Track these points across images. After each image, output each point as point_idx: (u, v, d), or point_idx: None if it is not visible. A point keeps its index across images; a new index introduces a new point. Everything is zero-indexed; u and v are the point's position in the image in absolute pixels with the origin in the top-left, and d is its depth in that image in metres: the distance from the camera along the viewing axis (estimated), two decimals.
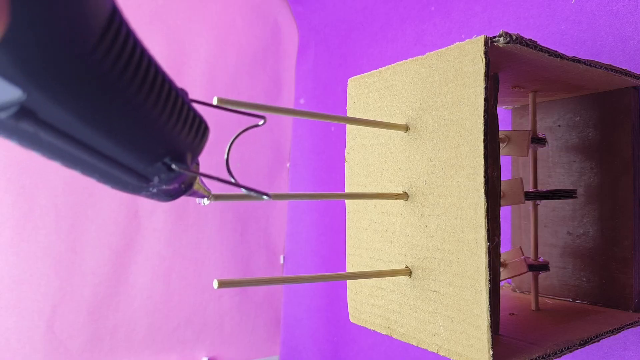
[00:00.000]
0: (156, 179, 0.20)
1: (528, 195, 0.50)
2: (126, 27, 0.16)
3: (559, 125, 0.56)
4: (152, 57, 0.18)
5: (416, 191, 0.40)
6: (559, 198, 0.50)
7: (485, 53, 0.34)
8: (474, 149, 0.35)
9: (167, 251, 1.03)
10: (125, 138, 0.18)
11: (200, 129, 0.22)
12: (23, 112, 0.14)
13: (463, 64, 0.36)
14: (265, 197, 0.25)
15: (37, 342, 0.89)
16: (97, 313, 0.95)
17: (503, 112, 0.63)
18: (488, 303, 0.33)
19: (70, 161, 0.18)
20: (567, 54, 0.40)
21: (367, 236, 0.45)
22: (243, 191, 0.24)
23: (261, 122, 0.27)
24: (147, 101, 0.17)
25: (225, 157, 0.27)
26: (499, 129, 0.42)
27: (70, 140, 0.16)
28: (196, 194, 0.25)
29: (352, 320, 0.47)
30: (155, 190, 0.21)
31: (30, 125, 0.15)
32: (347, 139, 0.49)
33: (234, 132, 1.12)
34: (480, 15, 0.71)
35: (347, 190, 0.48)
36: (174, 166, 0.20)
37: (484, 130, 0.34)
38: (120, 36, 0.16)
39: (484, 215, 0.34)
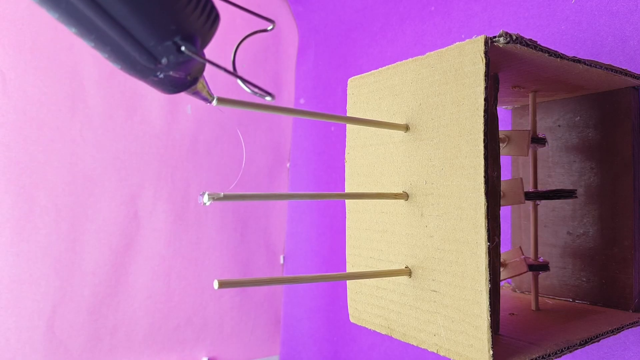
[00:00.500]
0: (164, 61, 0.21)
1: (528, 195, 0.50)
2: None
3: (559, 125, 0.56)
4: None
5: (416, 191, 0.40)
6: (559, 198, 0.50)
7: (485, 53, 0.34)
8: (474, 149, 0.35)
9: (167, 251, 1.03)
10: (142, 6, 0.18)
11: (212, 15, 0.23)
12: None
13: (463, 64, 0.36)
14: (268, 97, 0.25)
15: (37, 342, 0.89)
16: (97, 313, 0.95)
17: (503, 112, 0.63)
18: (488, 303, 0.33)
19: (86, 27, 0.18)
20: (567, 54, 0.40)
21: (367, 236, 0.45)
22: (246, 90, 0.25)
23: (270, 26, 0.27)
24: None
25: (234, 49, 0.28)
26: (499, 129, 0.42)
27: (91, 2, 0.17)
28: (199, 95, 0.25)
29: (352, 320, 0.47)
30: (162, 76, 0.22)
31: None
32: (347, 139, 0.49)
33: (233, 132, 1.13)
34: (480, 15, 0.71)
35: (347, 190, 0.48)
36: (183, 48, 0.20)
37: (484, 130, 0.34)
38: None
39: (484, 215, 0.34)
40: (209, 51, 0.25)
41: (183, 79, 0.23)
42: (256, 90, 0.24)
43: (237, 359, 1.14)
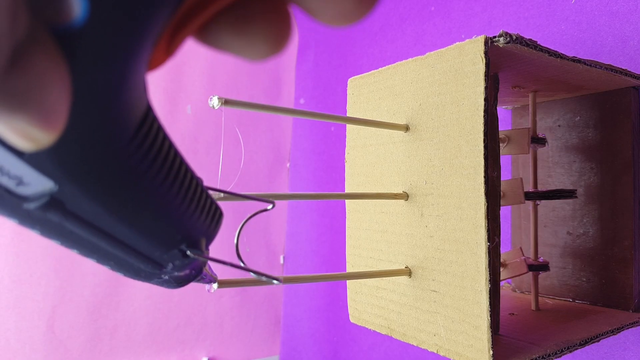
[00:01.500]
0: (170, 266, 0.21)
1: (528, 195, 0.50)
2: (157, 121, 0.17)
3: (559, 125, 0.56)
4: (177, 147, 0.19)
5: (416, 191, 0.40)
6: (559, 198, 0.50)
7: (485, 53, 0.34)
8: (474, 149, 0.35)
9: None
10: (148, 226, 0.18)
11: (215, 215, 0.23)
12: (52, 203, 0.15)
13: (463, 64, 0.36)
14: (275, 281, 0.25)
15: (37, 342, 0.89)
16: (97, 313, 0.95)
17: (503, 112, 0.63)
18: (488, 303, 0.33)
19: (89, 250, 0.18)
20: (567, 54, 0.40)
21: (367, 236, 0.45)
22: (253, 276, 0.25)
23: (270, 206, 0.27)
24: (171, 191, 0.18)
25: (235, 241, 0.28)
26: (499, 129, 0.42)
27: (94, 229, 0.17)
28: (204, 279, 0.25)
29: (352, 320, 0.47)
30: (166, 277, 0.22)
31: (57, 215, 0.15)
32: (347, 139, 0.49)
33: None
34: (480, 15, 0.71)
35: (347, 190, 0.48)
36: (189, 252, 0.20)
37: (484, 130, 0.34)
38: (153, 130, 0.16)
39: (484, 215, 0.34)
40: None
41: (188, 274, 0.23)
42: (263, 278, 0.24)
43: (237, 359, 1.14)
